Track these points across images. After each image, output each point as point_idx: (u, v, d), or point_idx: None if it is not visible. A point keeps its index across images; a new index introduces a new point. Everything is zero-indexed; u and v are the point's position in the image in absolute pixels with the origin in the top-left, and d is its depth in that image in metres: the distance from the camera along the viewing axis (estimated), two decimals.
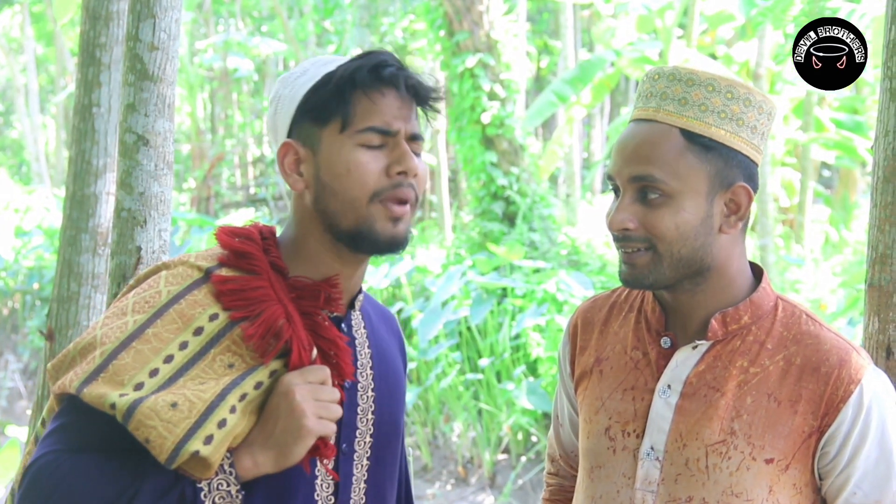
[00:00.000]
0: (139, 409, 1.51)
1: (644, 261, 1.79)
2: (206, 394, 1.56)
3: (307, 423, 1.59)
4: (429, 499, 7.73)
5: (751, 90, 1.78)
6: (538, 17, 24.58)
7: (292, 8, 21.83)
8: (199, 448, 1.51)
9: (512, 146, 11.49)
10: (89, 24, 3.49)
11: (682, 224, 1.75)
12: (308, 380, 1.63)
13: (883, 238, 2.03)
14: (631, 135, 1.81)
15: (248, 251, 1.72)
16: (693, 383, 1.82)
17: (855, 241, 13.29)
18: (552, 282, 8.55)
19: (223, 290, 1.67)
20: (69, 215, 3.50)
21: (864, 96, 13.37)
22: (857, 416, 1.74)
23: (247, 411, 1.60)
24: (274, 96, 1.78)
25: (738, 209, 1.79)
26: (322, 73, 1.72)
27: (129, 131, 2.59)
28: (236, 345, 1.64)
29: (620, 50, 12.66)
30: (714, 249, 1.79)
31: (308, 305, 1.71)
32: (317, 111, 1.70)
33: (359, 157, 1.68)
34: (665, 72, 1.81)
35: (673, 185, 1.74)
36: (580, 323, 2.06)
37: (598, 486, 1.91)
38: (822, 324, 1.84)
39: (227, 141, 24.76)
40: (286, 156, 1.73)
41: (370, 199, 1.69)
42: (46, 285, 12.90)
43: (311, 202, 1.73)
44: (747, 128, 1.77)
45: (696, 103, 1.76)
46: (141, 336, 1.60)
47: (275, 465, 1.60)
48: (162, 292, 1.66)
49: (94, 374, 1.56)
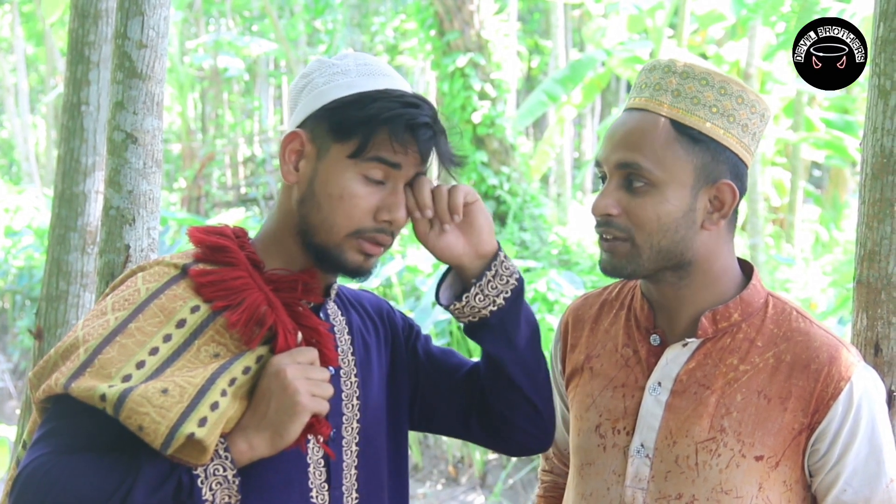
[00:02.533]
0: (130, 398, 1.50)
1: (623, 250, 1.80)
2: (195, 378, 1.56)
3: (301, 399, 1.59)
4: (419, 498, 7.73)
5: (745, 89, 1.78)
6: (529, 16, 24.61)
7: (283, 7, 21.83)
8: (194, 430, 1.51)
9: (503, 146, 11.51)
10: (78, 22, 3.48)
11: (664, 215, 1.76)
12: (297, 360, 1.63)
13: (871, 235, 2.03)
14: (621, 122, 1.82)
15: (223, 245, 1.72)
16: (683, 381, 1.82)
17: (845, 241, 13.31)
18: (543, 281, 8.54)
19: (203, 282, 1.67)
20: (58, 214, 3.49)
21: (854, 96, 13.41)
22: (847, 412, 1.74)
23: (237, 396, 1.60)
24: (308, 72, 1.77)
25: (722, 206, 1.79)
26: (360, 88, 1.71)
27: (117, 129, 2.58)
28: (220, 335, 1.64)
29: (611, 50, 12.68)
30: (695, 244, 1.79)
31: (286, 297, 1.71)
32: (339, 126, 1.69)
33: (355, 189, 1.68)
34: (661, 64, 1.82)
35: (658, 174, 1.75)
36: (571, 320, 2.07)
37: (589, 483, 1.91)
38: (812, 321, 1.84)
39: (218, 141, 24.71)
40: (291, 143, 1.73)
41: (350, 234, 1.70)
42: (36, 285, 12.84)
43: (297, 200, 1.73)
44: (738, 125, 1.77)
45: (689, 96, 1.76)
46: (124, 331, 1.60)
47: (270, 446, 1.60)
48: (140, 290, 1.66)
49: (80, 369, 1.55)
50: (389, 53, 19.08)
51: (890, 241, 2.00)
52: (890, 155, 2.00)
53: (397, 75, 1.78)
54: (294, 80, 1.81)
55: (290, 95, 1.81)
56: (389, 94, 1.70)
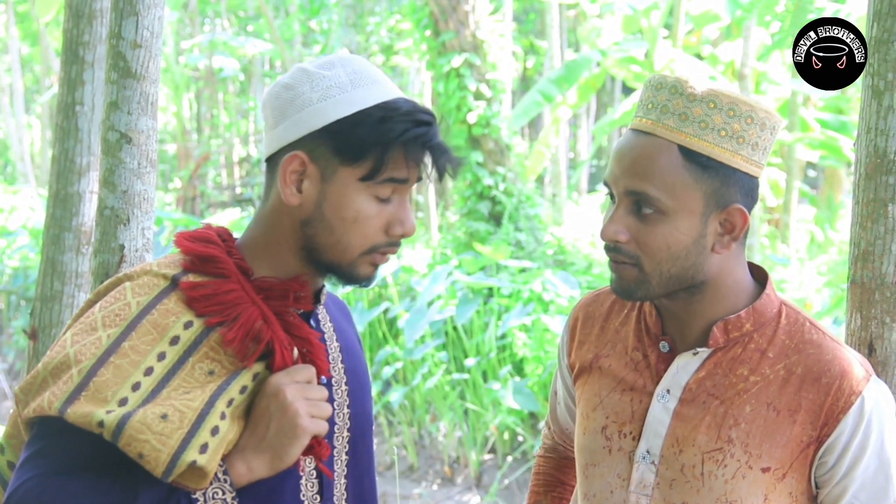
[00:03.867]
0: (129, 424, 1.47)
1: (631, 275, 1.78)
2: (194, 402, 1.53)
3: (302, 422, 1.57)
4: (415, 499, 7.72)
5: (753, 108, 1.73)
6: (524, 16, 24.59)
7: (278, 7, 21.81)
8: (196, 458, 1.48)
9: (498, 146, 11.50)
10: (73, 22, 3.47)
11: (675, 244, 1.73)
12: (295, 379, 1.61)
13: (865, 235, 2.03)
14: (630, 146, 1.77)
15: (213, 255, 1.67)
16: (693, 389, 1.81)
17: (840, 241, 13.33)
18: (538, 281, 8.55)
19: (195, 296, 1.63)
20: (52, 214, 3.48)
21: (849, 96, 13.42)
22: (857, 427, 1.73)
23: (235, 416, 1.57)
24: (293, 84, 1.68)
25: (733, 229, 1.76)
26: (359, 103, 1.64)
27: (111, 129, 2.57)
28: (214, 351, 1.61)
29: (606, 50, 12.69)
30: (706, 267, 1.77)
31: (277, 305, 1.68)
32: (347, 149, 1.63)
33: (369, 209, 1.65)
34: (667, 83, 1.76)
35: (668, 202, 1.72)
36: (581, 316, 2.06)
37: (593, 483, 1.91)
38: (825, 332, 1.83)
39: (213, 141, 24.70)
40: (291, 165, 1.66)
41: (365, 251, 1.68)
42: (31, 285, 12.82)
43: (301, 221, 1.68)
44: (748, 145, 1.73)
45: (697, 120, 1.72)
46: (118, 350, 1.55)
47: (270, 468, 1.58)
48: (131, 304, 1.61)
49: (75, 393, 1.51)
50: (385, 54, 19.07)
51: (884, 241, 2.00)
52: (884, 155, 2.00)
53: (385, 78, 1.73)
54: (273, 89, 1.71)
55: (269, 104, 1.71)
56: (394, 109, 1.65)
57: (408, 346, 8.43)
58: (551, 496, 2.25)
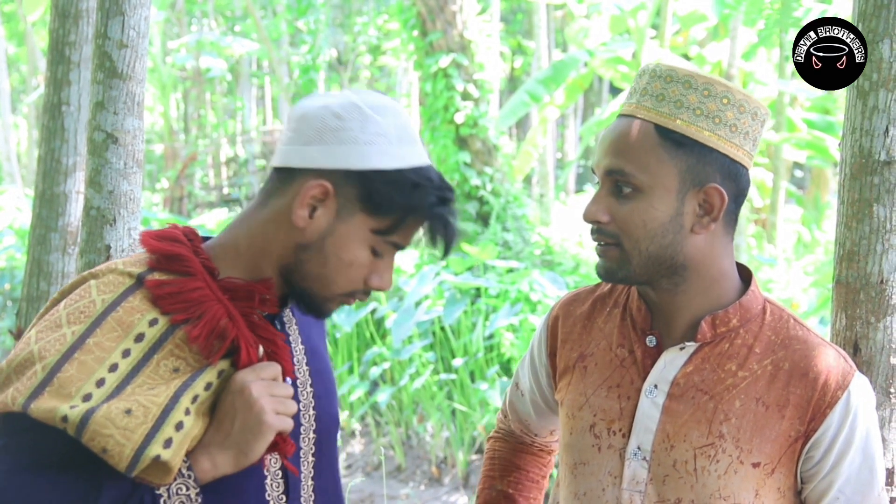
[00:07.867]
0: (93, 419, 1.46)
1: (614, 256, 1.80)
2: (158, 398, 1.52)
3: (267, 418, 1.57)
4: (402, 499, 7.72)
5: (730, 89, 1.76)
6: (512, 17, 24.63)
7: (265, 7, 21.78)
8: (159, 452, 1.48)
9: (485, 146, 11.50)
10: (59, 22, 3.47)
11: (651, 220, 1.75)
12: (261, 376, 1.61)
13: (850, 235, 2.04)
14: (612, 129, 1.82)
15: (179, 253, 1.67)
16: (680, 384, 1.82)
17: (826, 241, 13.37)
18: (526, 282, 8.55)
19: (160, 293, 1.62)
20: (39, 214, 3.48)
21: (835, 96, 13.46)
22: (844, 421, 1.75)
23: (199, 413, 1.57)
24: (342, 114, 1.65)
25: (712, 210, 1.77)
26: (399, 161, 1.64)
27: (98, 129, 2.57)
28: (179, 348, 1.60)
29: (593, 50, 12.72)
30: (686, 248, 1.79)
31: (242, 306, 1.67)
32: (373, 200, 1.64)
33: (363, 259, 1.67)
34: (649, 68, 1.82)
35: (643, 179, 1.75)
36: (562, 315, 2.06)
37: (582, 482, 1.91)
38: (809, 329, 1.84)
39: (201, 141, 24.66)
40: (313, 190, 1.63)
41: (343, 293, 1.69)
42: (18, 286, 12.77)
43: (297, 244, 1.67)
44: (725, 126, 1.75)
45: (672, 99, 1.76)
46: (82, 347, 1.55)
47: (234, 464, 1.58)
48: (96, 301, 1.60)
49: (39, 388, 1.50)
50: (372, 54, 19.09)
51: (868, 241, 2.01)
52: (868, 155, 2.01)
53: (419, 138, 1.73)
54: (319, 110, 1.66)
55: (309, 122, 1.66)
56: (428, 180, 1.66)
57: (395, 347, 8.43)
58: (507, 481, 2.26)
